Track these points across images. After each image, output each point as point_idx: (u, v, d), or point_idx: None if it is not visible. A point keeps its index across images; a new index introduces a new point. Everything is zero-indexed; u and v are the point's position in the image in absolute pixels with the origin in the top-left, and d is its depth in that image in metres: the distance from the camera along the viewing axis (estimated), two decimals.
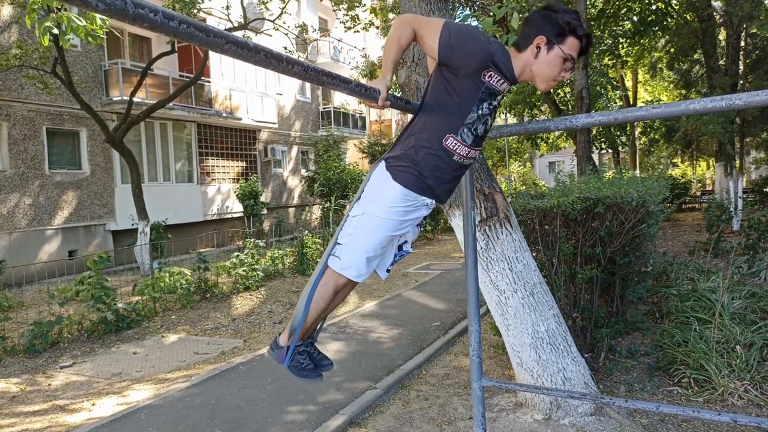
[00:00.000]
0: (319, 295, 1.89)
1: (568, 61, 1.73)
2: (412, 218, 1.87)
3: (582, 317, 4.58)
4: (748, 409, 3.80)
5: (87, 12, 5.61)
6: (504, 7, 3.91)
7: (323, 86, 1.51)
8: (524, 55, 1.75)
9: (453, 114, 1.76)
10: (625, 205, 4.48)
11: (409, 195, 1.81)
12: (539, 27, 1.73)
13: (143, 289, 8.03)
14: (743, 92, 1.58)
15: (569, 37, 1.72)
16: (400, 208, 1.81)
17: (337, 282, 1.88)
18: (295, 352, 1.96)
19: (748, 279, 7.16)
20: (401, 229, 1.87)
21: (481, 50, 1.69)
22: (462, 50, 1.69)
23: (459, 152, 1.79)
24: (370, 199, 1.85)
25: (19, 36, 11.35)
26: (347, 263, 1.84)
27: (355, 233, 1.84)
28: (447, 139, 1.77)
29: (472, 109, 1.75)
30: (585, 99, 9.45)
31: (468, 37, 1.71)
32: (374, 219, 1.81)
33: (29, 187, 11.59)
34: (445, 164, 1.81)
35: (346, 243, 1.85)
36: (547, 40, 1.71)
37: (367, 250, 1.83)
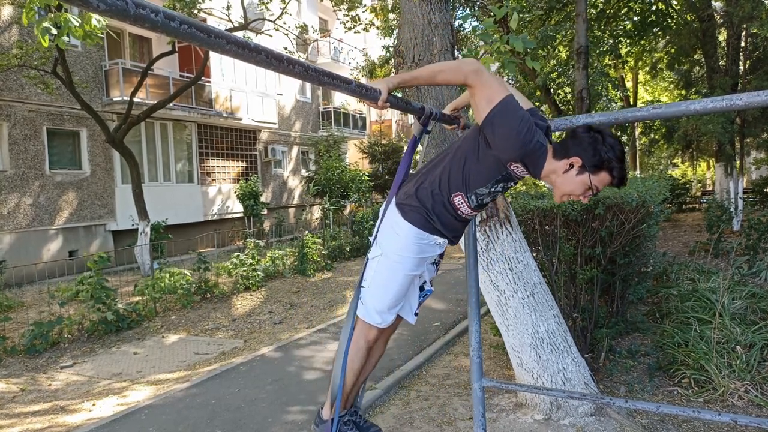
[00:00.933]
0: (353, 355, 1.89)
1: (590, 190, 1.73)
2: (427, 256, 1.91)
3: (582, 317, 4.58)
4: (748, 410, 3.80)
5: (85, 13, 5.61)
6: (504, 7, 3.91)
7: (324, 86, 1.51)
8: (557, 163, 1.73)
9: (469, 179, 1.79)
10: (626, 205, 4.48)
11: (421, 234, 1.85)
12: (582, 149, 1.69)
13: (143, 290, 8.03)
14: (744, 92, 1.58)
15: (603, 171, 1.69)
16: (414, 245, 1.84)
17: (368, 336, 1.91)
18: (341, 424, 1.92)
19: (749, 279, 7.15)
20: (419, 268, 1.90)
21: (519, 148, 1.66)
22: (502, 137, 1.66)
23: (462, 210, 1.85)
24: (385, 238, 1.89)
25: (20, 36, 11.36)
26: (372, 310, 1.87)
27: (376, 276, 1.87)
28: (456, 195, 1.81)
29: (486, 184, 1.79)
30: (585, 99, 9.44)
31: (515, 130, 1.65)
32: (392, 258, 1.85)
33: (30, 188, 11.59)
34: (450, 214, 1.85)
35: (369, 286, 1.89)
36: (582, 164, 1.69)
37: (390, 295, 1.87)
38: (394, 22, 12.31)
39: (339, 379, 1.84)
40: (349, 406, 1.98)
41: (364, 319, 1.88)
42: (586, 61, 9.57)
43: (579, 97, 9.56)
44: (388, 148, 22.42)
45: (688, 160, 25.10)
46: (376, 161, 22.45)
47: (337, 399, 1.84)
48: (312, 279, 10.27)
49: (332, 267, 11.36)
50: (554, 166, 1.72)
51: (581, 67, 9.47)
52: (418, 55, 3.55)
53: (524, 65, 4.23)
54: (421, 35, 3.51)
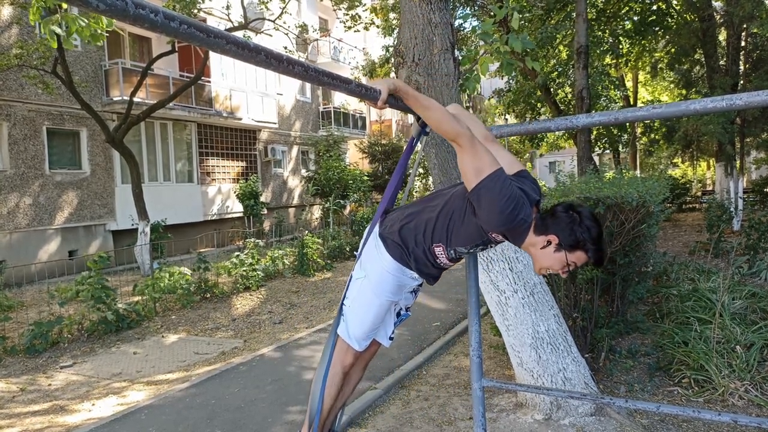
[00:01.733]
0: (330, 380, 1.97)
1: (568, 267, 1.75)
2: (405, 284, 1.97)
3: (582, 317, 4.58)
4: (748, 410, 3.80)
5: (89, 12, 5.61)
6: (505, 7, 3.91)
7: (323, 86, 1.51)
8: (536, 238, 1.74)
9: (452, 236, 1.83)
10: (626, 205, 4.48)
11: (400, 267, 1.93)
12: (559, 228, 1.71)
13: (143, 289, 8.03)
14: (744, 92, 1.58)
15: (579, 251, 1.71)
16: (393, 275, 1.93)
17: (344, 362, 1.99)
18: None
19: (749, 279, 7.15)
20: (397, 296, 1.99)
21: (502, 224, 1.70)
22: (487, 211, 1.68)
23: (440, 260, 1.90)
24: (368, 261, 1.97)
25: (20, 36, 11.35)
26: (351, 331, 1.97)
27: (359, 297, 1.96)
28: (438, 246, 1.86)
29: (467, 245, 1.84)
30: (585, 99, 9.44)
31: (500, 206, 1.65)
32: (372, 284, 1.93)
33: (29, 187, 11.59)
34: (429, 261, 1.91)
35: (351, 305, 1.98)
36: (559, 243, 1.71)
37: (369, 317, 1.96)
38: (394, 21, 12.31)
39: (317, 403, 1.92)
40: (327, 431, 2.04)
41: (343, 337, 1.96)
42: (586, 60, 9.57)
43: (579, 96, 9.56)
44: (388, 148, 22.42)
45: (689, 160, 25.10)
46: (376, 161, 22.45)
47: (315, 422, 1.92)
48: (312, 279, 10.27)
49: (332, 267, 11.36)
50: (534, 240, 1.75)
51: (581, 67, 9.47)
52: (418, 55, 3.54)
53: (524, 65, 4.22)
54: (421, 35, 3.50)
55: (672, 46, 15.71)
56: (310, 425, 1.94)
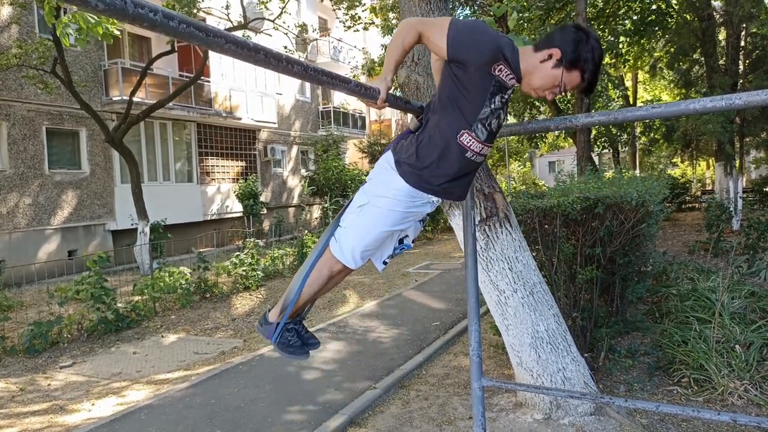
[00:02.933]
0: (314, 279, 1.93)
1: (558, 87, 1.74)
2: (414, 212, 1.88)
3: (582, 317, 4.58)
4: (747, 409, 3.80)
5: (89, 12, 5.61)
6: (503, 5, 3.91)
7: (323, 86, 1.51)
8: (537, 55, 1.74)
9: (466, 110, 1.74)
10: (625, 204, 4.48)
11: (414, 192, 1.82)
12: (565, 42, 1.71)
13: (143, 289, 8.02)
14: (743, 92, 1.58)
15: (577, 71, 1.71)
16: (404, 202, 1.82)
17: (333, 268, 1.92)
18: (284, 329, 2.02)
19: (748, 278, 7.16)
20: (402, 224, 1.88)
21: (490, 42, 1.68)
22: (472, 44, 1.68)
23: (473, 148, 1.78)
24: (375, 189, 1.86)
25: (19, 36, 11.34)
26: (345, 249, 1.87)
27: (357, 221, 1.85)
28: (462, 135, 1.75)
29: (484, 103, 1.73)
30: (585, 99, 9.44)
31: (477, 32, 1.70)
32: (376, 211, 1.82)
33: (29, 187, 11.59)
34: (457, 162, 1.79)
35: (346, 227, 1.88)
36: (561, 58, 1.70)
37: (366, 241, 1.86)
38: (393, 21, 12.31)
39: (294, 294, 1.94)
40: (296, 316, 2.06)
41: (335, 255, 1.89)
42: None
43: (578, 96, 9.56)
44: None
45: (688, 159, 25.11)
46: (375, 161, 22.41)
47: (287, 310, 1.96)
48: None
49: None
50: (534, 58, 1.74)
51: None
52: (418, 55, 3.54)
53: None
54: None
55: (671, 45, 15.72)
56: (282, 311, 1.99)
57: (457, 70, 1.73)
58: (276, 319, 2.02)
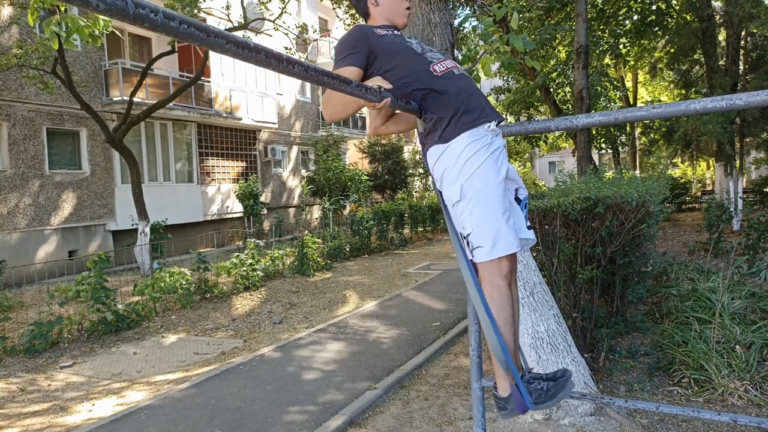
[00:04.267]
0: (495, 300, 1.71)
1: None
2: (494, 149, 1.77)
3: (582, 317, 4.58)
4: (748, 409, 3.80)
5: (88, 12, 5.61)
6: (504, 7, 3.91)
7: (324, 86, 1.51)
8: (373, 13, 2.02)
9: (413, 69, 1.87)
10: (626, 205, 4.48)
11: (472, 134, 1.77)
12: None
13: (143, 289, 8.02)
14: (743, 92, 1.58)
15: None
16: (478, 149, 1.74)
17: (503, 270, 1.73)
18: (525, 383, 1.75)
19: (748, 279, 7.15)
20: (502, 168, 1.76)
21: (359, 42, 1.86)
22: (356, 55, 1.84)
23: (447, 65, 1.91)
24: (450, 179, 1.78)
25: (20, 36, 11.35)
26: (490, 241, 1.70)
27: (473, 210, 1.72)
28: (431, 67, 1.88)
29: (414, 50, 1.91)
30: (585, 99, 9.44)
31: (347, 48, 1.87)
32: (473, 180, 1.72)
33: (29, 187, 11.59)
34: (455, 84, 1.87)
35: (472, 226, 1.72)
36: None
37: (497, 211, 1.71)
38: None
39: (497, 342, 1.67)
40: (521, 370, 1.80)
41: (490, 258, 1.70)
42: (585, 60, 9.57)
43: (579, 96, 9.56)
44: (388, 148, 22.41)
45: (688, 159, 25.11)
46: (375, 161, 22.44)
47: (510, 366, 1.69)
48: (312, 279, 10.27)
49: (332, 267, 11.36)
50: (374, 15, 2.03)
51: (581, 67, 9.47)
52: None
53: (524, 65, 4.23)
54: (420, 35, 3.51)
55: (671, 46, 15.73)
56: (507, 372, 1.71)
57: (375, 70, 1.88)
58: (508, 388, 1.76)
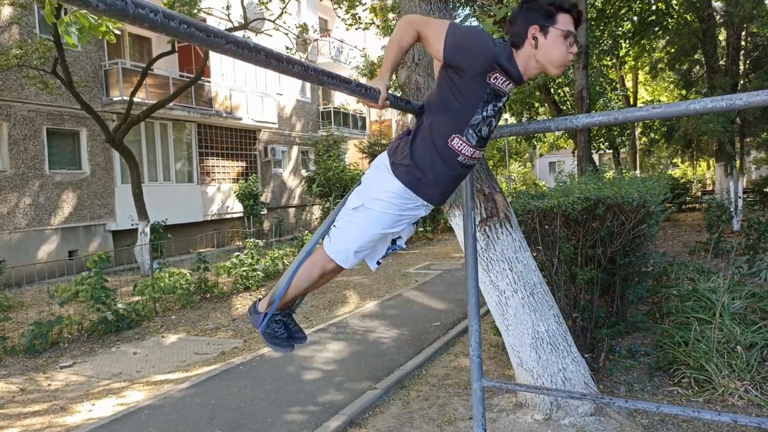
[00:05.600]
0: (305, 273, 1.96)
1: (569, 37, 1.72)
2: (408, 215, 1.90)
3: (582, 317, 4.58)
4: (748, 410, 3.80)
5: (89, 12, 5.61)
6: (504, 7, 3.91)
7: (323, 86, 1.51)
8: (523, 51, 1.74)
9: (458, 115, 1.76)
10: (626, 205, 4.48)
11: (408, 193, 1.83)
12: (527, 19, 1.72)
13: (143, 289, 8.02)
14: (744, 92, 1.58)
15: (559, 14, 1.70)
16: (398, 204, 1.84)
17: (325, 266, 1.94)
18: (271, 320, 2.03)
19: (749, 279, 7.15)
20: (396, 226, 1.91)
21: (486, 52, 1.69)
22: (467, 51, 1.69)
23: (464, 152, 1.80)
24: (369, 191, 1.87)
25: (20, 36, 11.35)
26: (338, 248, 1.89)
27: (351, 222, 1.88)
28: (452, 139, 1.77)
29: (476, 110, 1.75)
30: (585, 99, 9.45)
31: (474, 39, 1.71)
32: (370, 213, 1.85)
33: (29, 187, 11.59)
34: (449, 165, 1.81)
35: (341, 228, 1.90)
36: (540, 27, 1.70)
37: (359, 243, 1.88)
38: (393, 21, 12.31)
39: (282, 287, 1.96)
40: (285, 309, 2.07)
41: (329, 253, 1.91)
42: (585, 61, 9.57)
43: (579, 96, 9.57)
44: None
45: (688, 159, 25.11)
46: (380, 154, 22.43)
47: (275, 302, 1.98)
48: None
49: None
50: (524, 53, 1.74)
51: (581, 67, 9.47)
52: (418, 55, 3.55)
53: None
54: None
55: (672, 46, 15.72)
56: (270, 303, 2.00)
57: (453, 74, 1.74)
58: (265, 309, 2.05)
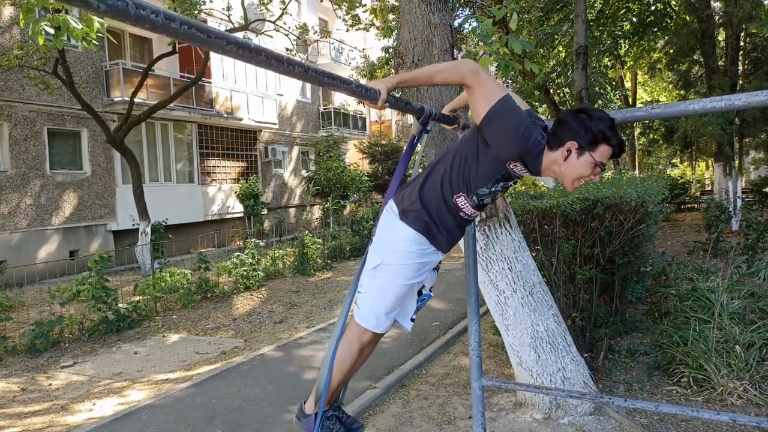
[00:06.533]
0: (344, 354, 1.88)
1: (598, 167, 1.71)
2: (427, 261, 1.89)
3: (581, 317, 4.59)
4: (747, 409, 3.81)
5: (85, 14, 5.61)
6: (504, 8, 3.92)
7: (324, 87, 1.52)
8: (554, 154, 1.72)
9: (470, 180, 1.79)
10: (625, 205, 4.49)
11: (421, 239, 1.84)
12: (573, 132, 1.69)
13: (144, 289, 8.04)
14: (742, 92, 1.59)
15: (602, 145, 1.68)
16: (415, 252, 1.84)
17: (362, 338, 1.89)
18: (324, 419, 1.92)
19: (747, 279, 7.16)
20: (418, 276, 1.89)
21: (519, 148, 1.69)
22: (503, 136, 1.67)
23: (465, 210, 1.85)
24: (384, 245, 1.87)
25: (21, 37, 11.36)
26: (367, 314, 1.86)
27: (374, 283, 1.86)
28: (459, 196, 1.82)
29: (487, 184, 1.79)
30: (584, 99, 9.45)
31: (514, 129, 1.66)
32: (391, 268, 1.84)
33: (30, 188, 11.60)
34: (453, 216, 1.85)
35: (365, 291, 1.88)
36: (579, 146, 1.68)
37: (388, 303, 1.86)
38: (393, 22, 12.32)
39: (326, 378, 1.86)
40: (333, 402, 1.98)
41: (360, 322, 1.88)
42: (585, 61, 9.57)
43: (578, 97, 9.57)
44: (388, 149, 22.43)
45: (687, 160, 25.11)
46: (376, 161, 22.45)
47: (322, 395, 1.86)
48: (312, 279, 10.28)
49: (332, 267, 11.37)
50: (552, 157, 1.72)
51: (580, 68, 9.47)
52: (418, 56, 3.56)
53: (523, 66, 4.25)
54: (420, 36, 3.52)
55: (671, 46, 15.72)
56: (317, 398, 1.89)
57: (480, 139, 1.76)
58: (313, 409, 1.92)
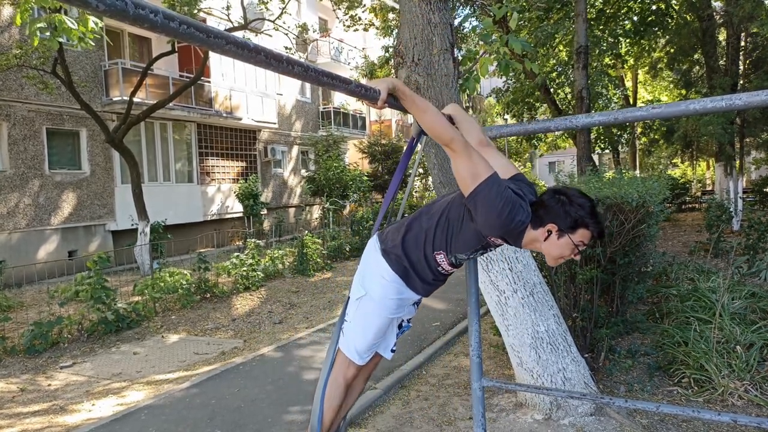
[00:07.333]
0: (332, 392, 1.96)
1: (576, 249, 1.74)
2: (407, 297, 1.97)
3: (582, 317, 4.58)
4: (748, 409, 3.80)
5: (82, 14, 5.59)
6: (504, 7, 3.91)
7: (323, 86, 1.51)
8: (535, 232, 1.75)
9: (451, 242, 1.86)
10: (626, 205, 4.48)
11: (399, 282, 1.93)
12: (553, 215, 1.72)
13: (143, 289, 8.02)
14: (743, 92, 1.58)
15: (581, 229, 1.72)
16: (395, 288, 1.94)
17: (347, 374, 1.98)
18: None
19: (748, 279, 7.15)
20: (398, 312, 1.98)
21: (500, 228, 1.71)
22: (484, 216, 1.69)
23: (443, 266, 1.92)
24: (370, 280, 1.97)
25: (20, 36, 11.35)
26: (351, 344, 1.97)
27: (358, 313, 1.97)
28: (439, 253, 1.88)
29: (466, 252, 1.86)
30: (585, 99, 9.45)
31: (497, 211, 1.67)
32: (375, 300, 1.94)
33: (29, 187, 11.59)
34: (431, 269, 1.92)
35: (351, 321, 1.99)
36: (559, 229, 1.71)
37: (370, 335, 1.97)
38: (393, 22, 12.32)
39: (318, 414, 1.93)
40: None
41: (345, 352, 1.96)
42: (585, 60, 9.57)
43: (579, 96, 9.56)
44: (388, 148, 22.43)
45: (688, 159, 25.12)
46: (375, 161, 22.45)
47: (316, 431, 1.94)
48: (312, 279, 10.28)
49: (332, 267, 11.36)
50: (534, 235, 1.75)
51: (581, 67, 9.47)
52: (418, 55, 3.54)
53: (523, 66, 4.24)
54: (420, 35, 3.50)
55: (671, 46, 15.72)
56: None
57: (466, 211, 1.78)
58: None
